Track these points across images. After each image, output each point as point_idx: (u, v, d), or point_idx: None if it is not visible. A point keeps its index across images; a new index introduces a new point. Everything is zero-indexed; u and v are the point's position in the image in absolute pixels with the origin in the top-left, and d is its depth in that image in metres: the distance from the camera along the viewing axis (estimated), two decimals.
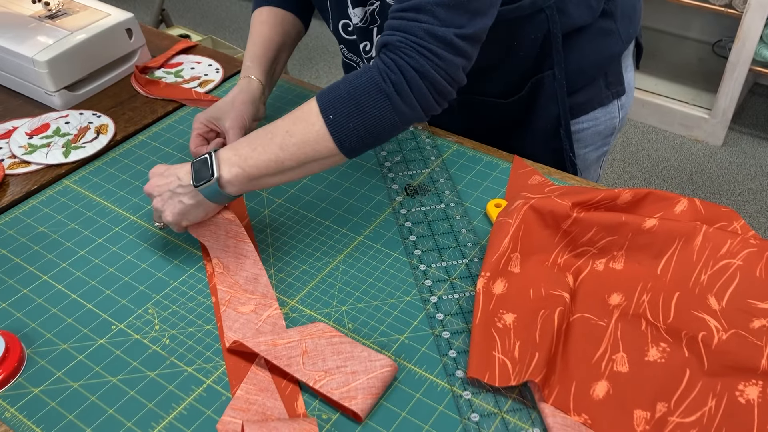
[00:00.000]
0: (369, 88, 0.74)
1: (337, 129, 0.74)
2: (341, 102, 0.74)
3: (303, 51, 3.05)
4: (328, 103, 0.75)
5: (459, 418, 0.67)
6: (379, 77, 0.74)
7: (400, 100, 0.74)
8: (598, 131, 1.07)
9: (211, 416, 0.68)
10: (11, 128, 1.05)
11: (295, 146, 0.75)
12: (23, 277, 0.82)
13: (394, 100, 0.74)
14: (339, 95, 0.75)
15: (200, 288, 0.81)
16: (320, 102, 0.75)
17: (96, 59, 1.13)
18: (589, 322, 0.74)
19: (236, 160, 0.76)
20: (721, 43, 2.67)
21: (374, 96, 0.74)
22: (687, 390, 0.67)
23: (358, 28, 0.95)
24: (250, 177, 0.76)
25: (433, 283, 0.80)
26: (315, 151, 0.76)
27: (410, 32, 0.73)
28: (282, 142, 0.75)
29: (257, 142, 0.77)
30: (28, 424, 0.67)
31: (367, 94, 0.74)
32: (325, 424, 0.67)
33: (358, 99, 0.74)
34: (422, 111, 0.76)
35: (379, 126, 0.75)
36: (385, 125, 0.76)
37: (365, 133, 0.75)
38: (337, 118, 0.74)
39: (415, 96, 0.74)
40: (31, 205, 0.93)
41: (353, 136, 0.75)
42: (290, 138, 0.75)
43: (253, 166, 0.76)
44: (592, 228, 0.80)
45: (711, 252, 0.76)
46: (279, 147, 0.75)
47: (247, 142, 0.77)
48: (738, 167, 2.38)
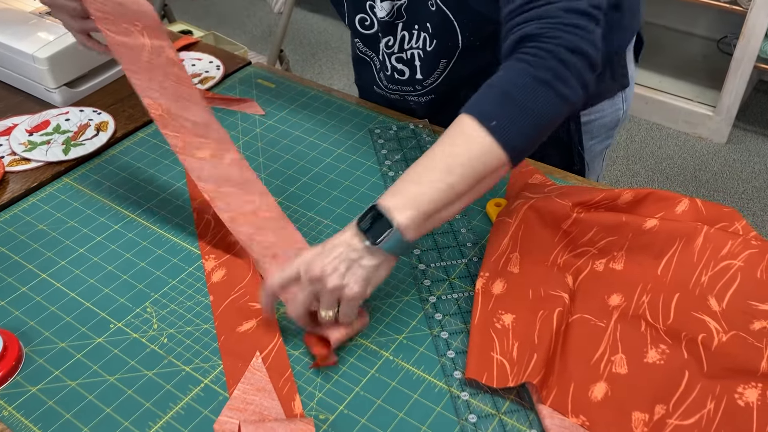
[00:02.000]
0: (526, 83, 0.70)
1: (504, 134, 0.69)
2: (499, 106, 0.70)
3: (306, 47, 3.05)
4: (483, 111, 0.70)
5: (456, 419, 0.67)
6: (532, 69, 0.70)
7: (562, 85, 0.70)
8: (603, 123, 1.07)
9: (209, 416, 0.68)
10: (11, 125, 1.05)
11: (463, 166, 0.69)
12: (22, 275, 0.82)
13: (557, 87, 0.70)
14: (493, 100, 0.71)
15: (198, 287, 0.81)
16: (473, 113, 0.70)
17: (96, 56, 1.12)
18: (589, 322, 0.74)
19: (407, 203, 0.68)
20: (726, 39, 2.65)
21: (534, 89, 0.70)
22: (686, 392, 0.66)
23: (384, 22, 0.94)
24: (426, 215, 0.69)
25: (432, 283, 0.80)
26: (484, 165, 0.70)
27: (548, 16, 0.71)
28: (447, 166, 0.69)
29: (419, 175, 0.70)
30: (25, 423, 0.67)
31: (526, 89, 0.69)
32: (322, 424, 0.67)
33: (516, 98, 0.69)
34: (582, 90, 0.73)
35: (546, 118, 0.71)
36: (551, 116, 0.72)
37: (533, 131, 0.71)
38: (501, 123, 0.69)
39: (574, 75, 0.71)
40: (30, 203, 0.93)
41: (521, 136, 0.70)
42: (455, 159, 0.69)
43: (427, 201, 0.69)
44: (593, 228, 0.80)
45: (712, 253, 0.75)
46: (446, 172, 0.69)
47: (408, 180, 0.70)
48: (742, 165, 2.37)
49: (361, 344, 0.74)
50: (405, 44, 0.96)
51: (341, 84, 2.80)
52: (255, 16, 3.30)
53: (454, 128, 0.72)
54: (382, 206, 0.69)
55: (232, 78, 1.16)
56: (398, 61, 0.99)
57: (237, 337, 0.75)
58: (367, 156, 0.99)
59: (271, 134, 1.04)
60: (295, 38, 3.11)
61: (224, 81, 1.16)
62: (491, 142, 0.69)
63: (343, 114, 1.08)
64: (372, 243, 0.68)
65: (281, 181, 0.95)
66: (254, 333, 0.75)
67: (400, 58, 0.98)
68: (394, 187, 0.71)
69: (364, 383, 0.70)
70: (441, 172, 0.69)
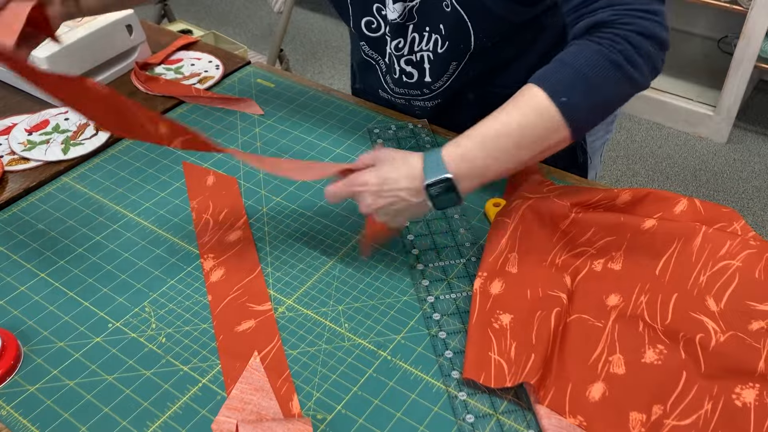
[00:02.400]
0: (600, 62, 0.72)
1: (573, 111, 0.72)
2: (571, 82, 0.72)
3: (306, 46, 3.05)
4: (556, 87, 0.72)
5: (454, 419, 0.67)
6: (606, 51, 0.72)
7: (632, 68, 0.73)
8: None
9: (206, 416, 0.68)
10: (10, 124, 1.05)
11: (533, 141, 0.72)
12: (21, 275, 0.82)
13: (628, 71, 0.72)
14: (566, 77, 0.72)
15: (197, 287, 0.81)
16: (545, 87, 0.72)
17: (96, 55, 1.12)
18: (586, 323, 0.74)
19: (476, 173, 0.73)
20: (727, 39, 2.65)
21: (607, 70, 0.72)
22: (683, 393, 0.66)
23: (395, 24, 0.93)
24: (485, 181, 0.74)
25: (430, 283, 0.80)
26: (550, 141, 0.73)
27: (619, 3, 0.73)
28: (519, 141, 0.72)
29: (489, 145, 0.72)
30: (23, 422, 0.67)
31: (599, 68, 0.72)
32: (319, 424, 0.67)
33: (588, 76, 0.72)
34: (650, 74, 0.75)
35: (613, 99, 0.75)
36: (619, 98, 0.75)
37: (601, 109, 0.75)
38: (572, 100, 0.71)
39: (644, 59, 0.73)
40: (29, 202, 0.93)
41: (588, 115, 0.74)
42: (526, 132, 0.72)
43: (494, 173, 0.73)
44: (591, 228, 0.80)
45: (710, 253, 0.75)
46: (516, 146, 0.72)
47: (481, 149, 0.72)
48: (742, 164, 2.37)
49: (359, 344, 0.74)
50: (415, 46, 0.96)
51: (341, 83, 2.80)
52: (255, 16, 3.30)
53: (525, 99, 0.73)
54: (455, 176, 0.72)
55: (231, 77, 1.16)
56: (407, 64, 0.98)
57: (235, 336, 0.75)
58: None
59: (270, 134, 1.04)
60: (295, 38, 3.11)
61: (223, 81, 1.16)
62: (560, 119, 0.71)
63: (342, 114, 1.08)
64: (437, 208, 0.74)
65: (280, 180, 0.95)
66: (253, 333, 0.75)
67: (409, 60, 0.98)
68: (467, 150, 0.73)
69: (361, 383, 0.70)
70: (513, 146, 0.72)
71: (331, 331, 0.75)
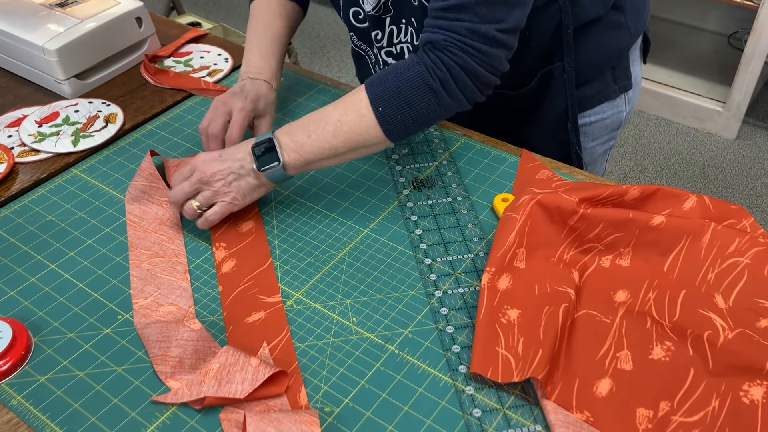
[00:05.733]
0: (417, 83, 0.79)
1: (387, 120, 0.80)
2: (390, 96, 0.80)
3: (314, 39, 3.05)
4: (377, 95, 0.80)
5: (461, 414, 0.67)
6: (426, 74, 0.79)
7: (447, 95, 0.80)
8: (605, 125, 1.06)
9: (215, 408, 0.68)
10: (21, 116, 1.06)
11: (347, 134, 0.81)
12: (31, 266, 0.83)
13: (441, 96, 0.79)
14: (388, 89, 0.80)
15: (206, 279, 0.81)
16: (370, 94, 0.81)
17: (106, 48, 1.13)
18: (594, 319, 0.74)
19: (294, 146, 0.81)
20: (737, 35, 2.63)
21: (422, 91, 0.79)
22: (691, 389, 0.66)
23: (371, 16, 0.95)
24: (306, 161, 0.82)
25: (438, 278, 0.80)
26: (365, 139, 0.82)
27: (454, 31, 0.78)
28: (335, 130, 0.81)
29: (311, 128, 0.82)
30: (34, 411, 0.68)
31: (416, 89, 0.79)
32: (327, 417, 0.67)
33: (406, 93, 0.79)
34: (467, 102, 0.82)
35: (425, 117, 0.82)
36: (431, 117, 0.82)
37: (413, 123, 0.82)
38: (386, 111, 0.80)
39: (461, 90, 0.80)
40: (39, 194, 0.93)
41: (401, 126, 0.81)
42: (342, 126, 0.81)
43: (309, 152, 0.82)
44: (599, 224, 0.80)
45: (719, 250, 0.75)
46: (332, 134, 0.81)
47: (301, 129, 0.82)
48: (751, 161, 2.36)
49: (366, 338, 0.74)
50: (394, 38, 0.97)
51: (349, 77, 2.80)
52: None
53: (353, 97, 0.82)
54: (277, 140, 0.82)
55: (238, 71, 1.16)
56: (388, 55, 0.99)
57: (245, 328, 0.75)
58: None
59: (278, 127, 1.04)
60: (303, 31, 3.10)
61: (233, 73, 1.16)
62: (375, 124, 0.80)
63: None
64: (258, 168, 0.81)
65: None
66: (262, 324, 0.75)
67: (389, 52, 0.99)
68: (292, 127, 0.83)
69: (369, 376, 0.71)
70: (329, 134, 0.81)
71: (338, 324, 0.76)
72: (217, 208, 0.83)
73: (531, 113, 1.03)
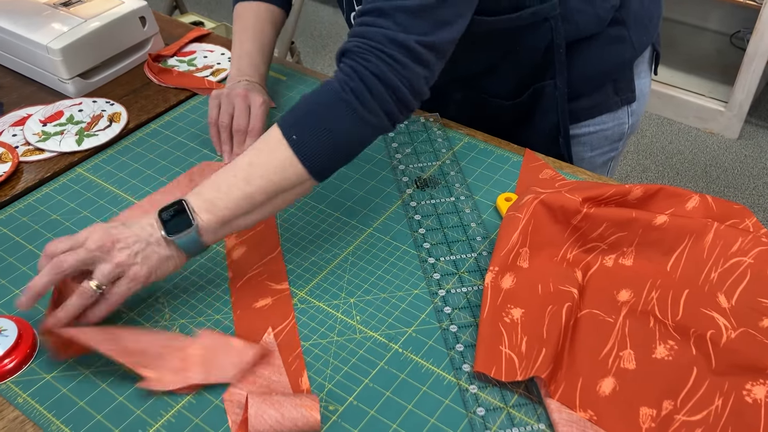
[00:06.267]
0: (329, 100, 0.71)
1: (303, 149, 0.71)
2: (302, 120, 0.71)
3: (317, 39, 3.05)
4: (288, 124, 0.72)
5: (465, 412, 0.67)
6: (338, 87, 0.71)
7: (362, 107, 0.71)
8: (605, 136, 1.06)
9: (219, 405, 0.68)
10: (25, 115, 1.06)
11: (261, 177, 0.71)
12: (36, 265, 0.83)
13: (357, 108, 0.71)
14: (299, 114, 0.72)
15: (210, 278, 0.81)
16: (281, 125, 0.72)
17: (110, 47, 1.13)
18: (597, 318, 0.74)
19: (205, 206, 0.70)
20: (740, 34, 2.63)
21: (335, 108, 0.71)
22: (694, 388, 0.67)
23: None
24: (222, 221, 0.71)
25: (441, 277, 0.80)
26: (283, 179, 0.71)
27: (369, 37, 0.71)
28: (247, 176, 0.71)
29: (220, 181, 0.71)
30: (39, 409, 0.68)
31: (328, 106, 0.71)
32: (331, 415, 0.68)
33: (319, 113, 0.71)
34: (386, 118, 0.73)
35: (345, 139, 0.73)
36: (351, 138, 0.73)
37: (333, 149, 0.72)
38: (301, 138, 0.70)
39: (377, 101, 0.71)
40: (44, 193, 0.93)
41: (321, 154, 0.71)
42: (255, 169, 0.71)
43: (224, 207, 0.70)
44: (602, 224, 0.80)
45: (722, 249, 0.75)
46: (245, 182, 0.70)
47: (209, 185, 0.71)
48: (753, 161, 2.36)
49: (370, 336, 0.75)
50: None
51: None
52: None
53: (263, 138, 0.73)
54: (187, 202, 0.70)
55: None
56: None
57: (252, 313, 0.76)
58: (378, 149, 0.99)
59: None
60: (305, 30, 3.11)
61: None
62: (291, 156, 0.70)
63: None
64: (167, 234, 0.69)
65: None
66: (269, 310, 0.76)
67: None
68: (202, 186, 0.72)
69: (373, 375, 0.71)
70: (241, 182, 0.70)
71: (342, 323, 0.76)
72: (122, 287, 0.69)
73: (525, 123, 1.03)
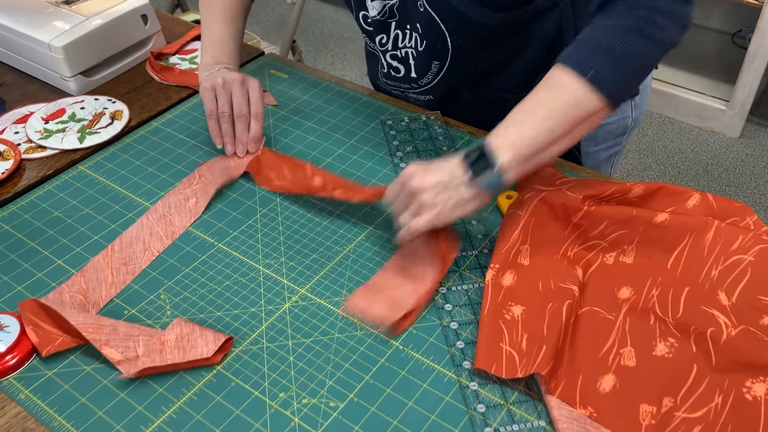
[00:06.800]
0: (620, 34, 0.73)
1: (604, 83, 0.73)
2: (596, 56, 0.73)
3: (318, 37, 3.05)
4: (580, 62, 0.73)
5: (465, 409, 0.68)
6: (621, 20, 0.73)
7: (652, 27, 0.73)
8: (609, 130, 1.06)
9: (221, 402, 0.69)
10: (27, 113, 1.06)
11: (562, 112, 0.73)
12: (38, 261, 0.83)
13: (647, 31, 0.73)
14: (589, 52, 0.74)
15: (212, 275, 0.82)
16: (569, 64, 0.74)
17: (112, 45, 1.13)
18: (598, 315, 0.74)
19: (506, 144, 0.73)
20: (741, 33, 2.63)
21: (626, 37, 0.73)
22: (694, 386, 0.67)
23: (376, 20, 0.95)
24: (525, 158, 0.74)
25: None
26: (583, 112, 0.74)
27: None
28: (547, 113, 0.74)
29: (520, 120, 0.74)
30: (41, 405, 0.69)
31: (621, 40, 0.73)
32: (332, 411, 0.68)
33: (613, 48, 0.73)
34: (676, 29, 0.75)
35: (641, 63, 0.75)
36: (646, 60, 0.76)
37: (631, 75, 0.75)
38: (598, 73, 0.73)
39: (668, 17, 0.74)
40: (46, 190, 0.94)
41: (619, 82, 0.74)
42: (554, 104, 0.74)
43: (527, 145, 0.73)
44: (603, 221, 0.80)
45: (722, 247, 0.76)
46: (546, 117, 0.73)
47: (508, 125, 0.75)
48: (755, 159, 2.36)
49: (371, 333, 0.75)
50: (399, 42, 0.97)
51: (353, 75, 2.80)
52: (267, 6, 3.30)
53: (549, 79, 0.75)
54: (488, 144, 0.73)
55: (244, 68, 1.17)
56: (393, 59, 1.00)
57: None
58: (379, 147, 1.00)
59: (283, 125, 1.04)
60: (307, 29, 3.11)
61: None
62: (589, 90, 0.73)
63: (355, 105, 1.08)
64: (473, 176, 0.73)
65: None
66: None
67: (394, 55, 0.99)
68: (498, 128, 0.75)
69: (374, 372, 0.71)
70: (542, 118, 0.73)
71: (343, 320, 0.76)
72: (421, 220, 0.75)
73: None
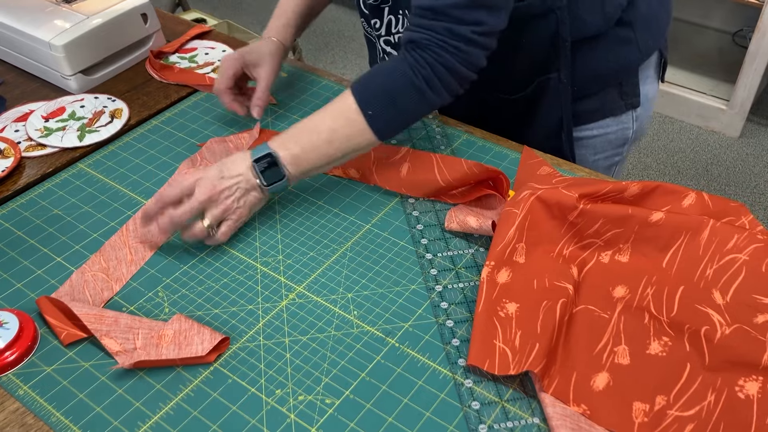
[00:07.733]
0: (403, 85, 0.82)
1: (377, 123, 0.83)
2: (378, 99, 0.83)
3: (319, 36, 3.05)
4: (365, 99, 0.83)
5: (460, 406, 0.68)
6: (411, 74, 0.82)
7: (432, 92, 0.83)
8: (608, 140, 1.06)
9: (218, 398, 0.69)
10: (28, 111, 1.07)
11: (340, 141, 0.84)
12: (38, 259, 0.84)
13: (427, 94, 0.83)
14: (375, 92, 0.84)
15: (209, 272, 0.82)
16: (358, 98, 0.83)
17: (112, 43, 1.14)
18: (592, 313, 0.75)
19: (291, 160, 0.83)
20: (742, 33, 2.63)
21: (408, 92, 0.83)
22: (687, 384, 0.67)
23: (370, 5, 0.97)
24: (303, 172, 0.85)
25: (438, 272, 0.81)
26: (357, 144, 0.85)
27: (434, 30, 0.80)
28: (328, 139, 0.84)
29: (305, 140, 0.84)
30: (40, 401, 0.69)
31: (402, 90, 0.83)
32: (328, 408, 0.68)
33: (393, 95, 0.83)
34: (449, 96, 0.85)
35: (412, 115, 0.87)
36: (417, 114, 0.87)
37: (401, 122, 0.87)
38: (375, 114, 0.83)
39: (444, 87, 0.83)
40: (46, 188, 0.94)
41: (390, 126, 0.85)
42: (335, 134, 0.84)
43: (306, 163, 0.84)
44: (599, 220, 0.80)
45: (717, 246, 0.76)
46: (326, 143, 0.84)
47: (295, 142, 0.84)
48: (755, 159, 2.36)
49: (367, 331, 0.75)
50: (392, 28, 0.98)
51: (353, 73, 2.80)
52: (268, 5, 3.31)
53: (341, 104, 0.85)
54: (276, 155, 0.83)
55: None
56: (387, 44, 1.01)
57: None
58: None
59: (283, 123, 1.05)
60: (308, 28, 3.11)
61: None
62: (366, 127, 0.84)
63: None
64: (266, 184, 0.83)
65: None
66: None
67: (387, 41, 1.00)
68: (285, 140, 0.84)
69: (369, 369, 0.72)
70: (323, 143, 0.84)
71: (340, 318, 0.77)
72: (226, 227, 0.84)
73: (527, 119, 1.04)
